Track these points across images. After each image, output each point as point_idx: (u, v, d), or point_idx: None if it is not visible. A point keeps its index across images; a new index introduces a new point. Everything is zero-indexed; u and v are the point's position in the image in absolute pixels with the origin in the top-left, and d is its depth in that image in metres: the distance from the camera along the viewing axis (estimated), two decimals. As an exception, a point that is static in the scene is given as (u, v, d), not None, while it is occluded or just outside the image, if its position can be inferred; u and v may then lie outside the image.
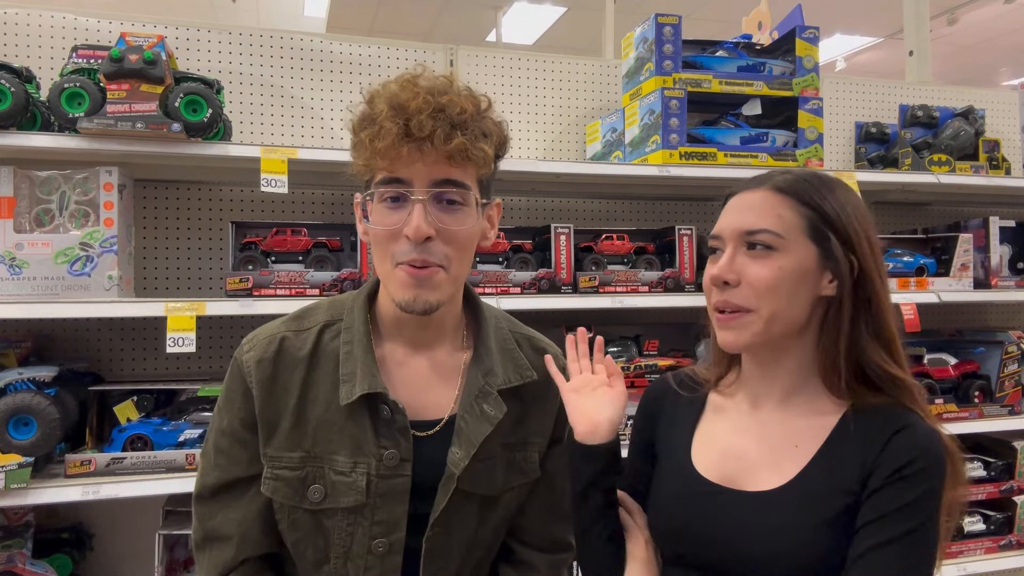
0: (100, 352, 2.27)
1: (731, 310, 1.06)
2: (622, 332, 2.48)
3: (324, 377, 1.14)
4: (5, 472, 1.70)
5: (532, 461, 1.22)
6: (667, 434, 1.20)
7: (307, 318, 1.19)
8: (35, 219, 1.90)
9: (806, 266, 1.04)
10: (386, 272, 1.10)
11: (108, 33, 2.26)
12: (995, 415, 2.56)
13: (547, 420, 1.25)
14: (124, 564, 2.26)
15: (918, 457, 0.97)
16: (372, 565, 1.13)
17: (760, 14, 2.77)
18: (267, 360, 1.14)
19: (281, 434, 1.13)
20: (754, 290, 1.04)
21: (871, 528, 0.96)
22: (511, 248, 2.33)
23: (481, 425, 1.14)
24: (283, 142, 2.43)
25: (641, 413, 1.26)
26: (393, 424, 1.12)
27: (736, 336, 1.06)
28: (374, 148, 1.04)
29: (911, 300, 2.42)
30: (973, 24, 8.21)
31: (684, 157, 2.31)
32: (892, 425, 1.01)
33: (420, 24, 8.29)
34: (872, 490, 0.98)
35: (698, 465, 1.12)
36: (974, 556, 2.50)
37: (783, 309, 1.04)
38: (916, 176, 2.57)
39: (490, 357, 1.19)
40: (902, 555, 0.94)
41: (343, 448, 1.11)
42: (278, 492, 1.13)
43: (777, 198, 1.06)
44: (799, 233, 1.05)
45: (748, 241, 1.05)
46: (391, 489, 1.11)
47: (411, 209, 1.05)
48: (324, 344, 1.16)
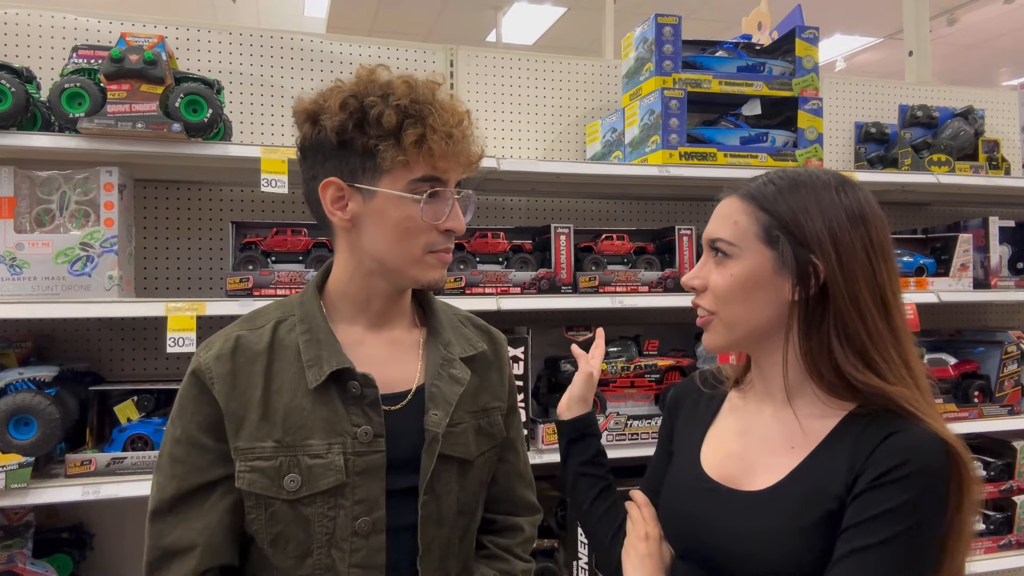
0: (100, 352, 2.28)
1: (701, 314, 1.13)
2: (622, 332, 2.48)
3: (285, 368, 1.16)
4: (5, 472, 1.70)
5: (497, 424, 1.31)
6: (683, 431, 1.24)
7: (259, 318, 1.23)
8: (35, 219, 1.90)
9: (760, 271, 1.04)
10: (413, 257, 1.17)
11: (108, 33, 2.27)
12: (995, 415, 2.57)
13: (500, 386, 1.34)
14: (124, 564, 2.26)
15: (907, 461, 0.93)
16: (358, 547, 1.13)
17: (760, 14, 2.77)
18: (225, 355, 1.16)
19: (250, 425, 1.13)
20: (713, 296, 1.09)
21: (852, 532, 0.94)
22: (511, 248, 2.33)
23: (452, 387, 1.22)
24: (283, 142, 2.43)
25: (665, 411, 1.32)
26: (363, 400, 1.15)
27: (708, 338, 1.13)
28: (434, 150, 1.12)
29: (911, 300, 2.42)
30: (973, 24, 8.22)
31: (684, 157, 2.31)
32: (885, 429, 0.98)
33: (420, 24, 8.29)
34: (856, 494, 0.95)
35: (704, 463, 1.14)
36: (974, 556, 2.50)
37: (741, 314, 1.07)
38: (916, 176, 2.57)
39: (445, 331, 1.29)
40: (882, 560, 0.91)
41: (316, 431, 1.13)
42: (255, 484, 1.12)
43: (739, 204, 1.08)
44: (752, 239, 1.05)
45: (712, 248, 1.10)
46: (368, 466, 1.13)
47: (450, 206, 1.17)
48: (281, 337, 1.19)
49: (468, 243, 2.28)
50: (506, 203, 2.68)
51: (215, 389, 1.13)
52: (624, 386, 2.36)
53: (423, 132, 1.11)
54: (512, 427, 1.37)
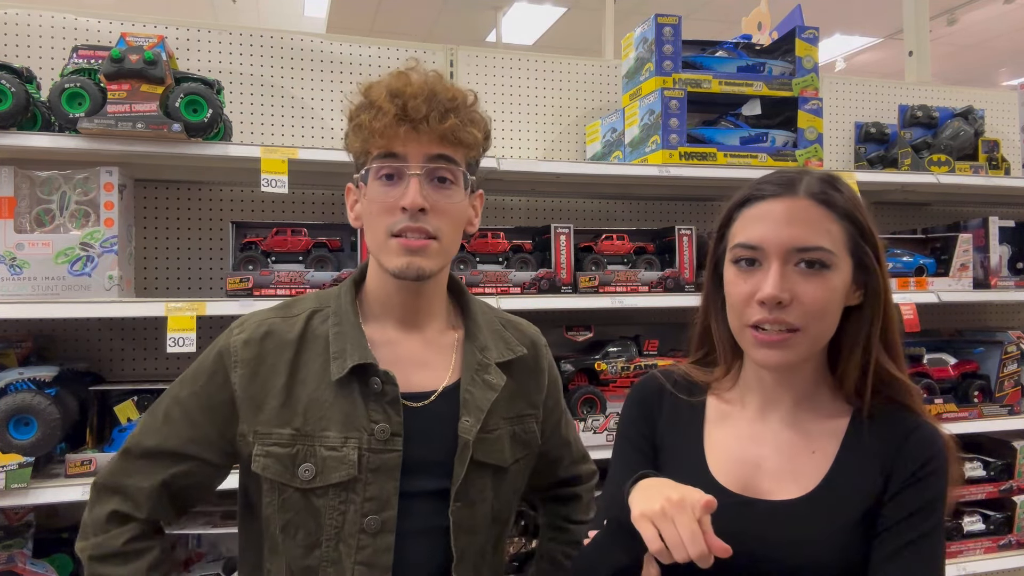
0: (100, 352, 2.27)
1: (777, 329, 1.01)
2: (622, 332, 2.48)
3: (313, 358, 1.17)
4: (5, 472, 1.70)
5: (532, 432, 1.28)
6: (671, 436, 1.17)
7: (295, 306, 1.24)
8: (35, 219, 1.90)
9: (847, 281, 1.04)
10: (380, 244, 1.14)
11: (108, 33, 2.27)
12: (994, 415, 2.57)
13: (537, 393, 1.31)
14: (124, 564, 2.26)
15: (932, 457, 1.01)
16: (364, 545, 1.12)
17: (760, 14, 2.77)
18: (255, 341, 1.17)
19: (269, 411, 1.14)
20: (805, 310, 0.99)
21: (898, 528, 0.99)
22: (511, 248, 2.33)
23: (486, 393, 1.19)
24: (283, 142, 2.43)
25: (638, 410, 1.21)
26: (384, 397, 1.14)
27: (782, 356, 1.01)
28: (372, 128, 1.11)
29: (911, 300, 2.42)
30: (973, 24, 8.22)
31: (684, 157, 2.31)
32: (903, 426, 1.04)
33: (420, 24, 8.29)
34: (894, 492, 1.01)
35: (716, 475, 1.09)
36: (974, 556, 2.50)
37: (827, 328, 1.03)
38: (916, 176, 2.57)
39: (482, 335, 1.25)
40: (931, 551, 0.98)
41: (333, 424, 1.13)
42: (268, 469, 1.13)
43: (821, 211, 1.02)
44: (844, 249, 1.03)
45: (802, 258, 1.00)
46: (382, 464, 1.13)
47: (407, 183, 1.12)
48: (313, 328, 1.19)
49: (468, 243, 2.28)
50: (506, 203, 2.68)
51: (235, 373, 1.16)
52: (624, 386, 2.36)
53: (375, 112, 1.11)
54: (559, 425, 1.38)
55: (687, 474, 1.10)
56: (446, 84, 1.15)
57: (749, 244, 1.03)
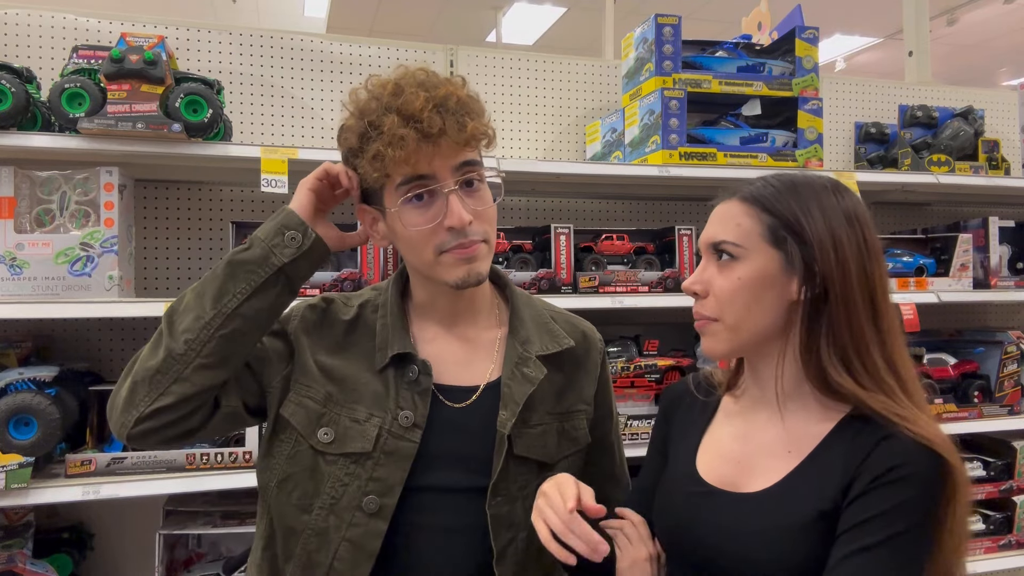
0: (100, 352, 2.27)
1: (700, 319, 1.09)
2: (622, 332, 2.48)
3: (360, 343, 1.21)
4: (5, 472, 1.70)
5: (581, 428, 1.26)
6: (679, 436, 1.22)
7: (353, 296, 1.29)
8: (35, 219, 1.90)
9: (768, 272, 1.04)
10: (429, 263, 1.14)
11: (108, 33, 2.27)
12: (994, 415, 2.56)
13: (589, 386, 1.29)
14: (124, 564, 2.26)
15: (902, 464, 0.94)
16: (357, 523, 1.11)
17: (760, 14, 2.77)
18: (316, 307, 1.24)
19: (312, 369, 1.18)
20: (717, 300, 1.07)
21: (850, 534, 0.94)
22: (511, 248, 2.33)
23: (523, 386, 1.18)
24: (283, 142, 2.43)
25: (660, 412, 1.30)
26: (417, 386, 1.16)
27: (707, 344, 1.10)
28: (394, 157, 1.07)
29: (911, 300, 2.42)
30: (973, 24, 8.22)
31: (684, 157, 2.31)
32: (878, 433, 0.98)
33: (420, 24, 8.29)
34: (853, 497, 0.96)
35: (700, 467, 1.13)
36: (974, 556, 2.49)
37: (746, 317, 1.05)
38: (916, 176, 2.57)
39: (525, 328, 1.24)
40: (880, 561, 0.92)
41: (363, 400, 1.16)
42: (295, 416, 1.16)
43: (740, 207, 1.08)
44: (758, 240, 1.05)
45: (716, 252, 1.09)
46: (397, 449, 1.13)
47: (445, 201, 1.11)
48: (365, 316, 1.24)
49: (468, 243, 2.28)
50: (506, 203, 2.68)
51: (291, 325, 1.21)
52: (624, 386, 2.36)
53: (389, 140, 1.07)
54: (604, 428, 1.33)
55: (676, 467, 1.18)
56: (440, 83, 1.12)
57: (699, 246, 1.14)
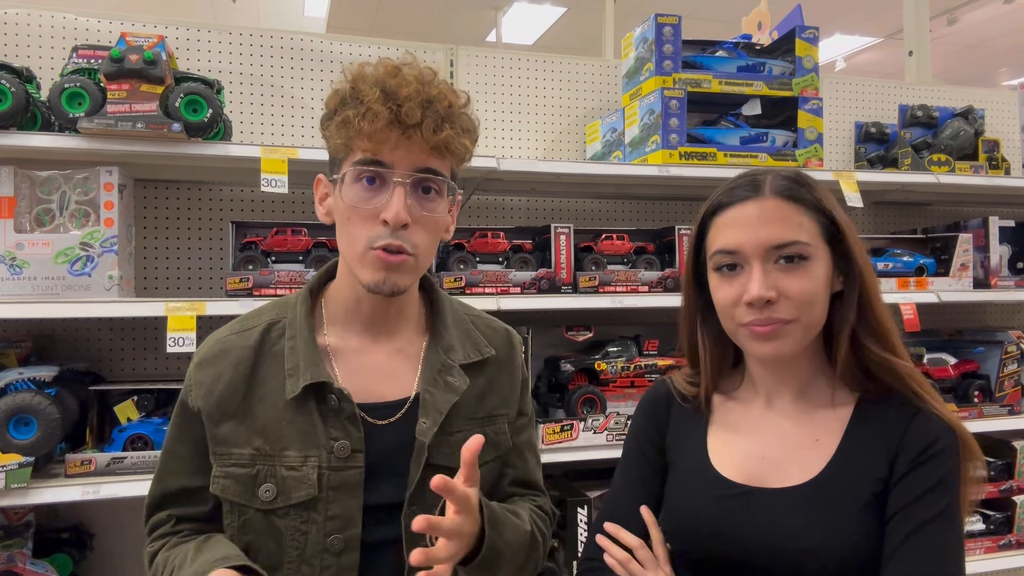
0: (100, 352, 2.27)
1: (772, 324, 1.04)
2: (622, 332, 2.48)
3: (270, 376, 1.13)
4: (5, 472, 1.70)
5: (503, 433, 1.23)
6: (679, 443, 1.20)
7: (251, 319, 1.20)
8: (35, 219, 1.90)
9: (829, 269, 1.08)
10: (356, 254, 1.09)
11: (108, 33, 2.27)
12: (995, 415, 2.56)
13: (511, 392, 1.26)
14: (124, 564, 2.26)
15: (939, 437, 1.02)
16: (328, 564, 1.08)
17: (760, 14, 2.77)
18: (207, 361, 1.15)
19: (227, 430, 1.12)
20: (794, 303, 1.04)
21: (910, 510, 0.99)
22: (511, 248, 2.33)
23: (446, 395, 1.15)
24: (283, 142, 2.43)
25: (648, 417, 1.25)
26: (342, 413, 1.10)
27: (779, 347, 1.05)
28: (360, 128, 1.04)
29: (911, 300, 2.42)
30: (973, 24, 8.22)
31: (684, 157, 2.31)
32: (907, 409, 1.05)
33: (420, 24, 8.29)
34: (901, 474, 1.01)
35: (720, 469, 1.12)
36: (974, 556, 2.49)
37: (818, 315, 1.07)
38: (916, 176, 2.57)
39: (449, 334, 1.21)
40: (945, 531, 0.98)
41: (293, 443, 1.10)
42: (228, 490, 1.11)
43: (790, 206, 1.07)
44: (819, 239, 1.07)
45: (780, 255, 1.05)
46: (343, 481, 1.09)
47: (391, 193, 1.07)
48: (270, 343, 1.16)
49: (468, 243, 2.28)
50: (506, 203, 2.68)
51: (191, 397, 1.14)
52: (624, 386, 2.36)
53: (365, 112, 1.03)
54: (525, 431, 1.28)
55: (691, 472, 1.15)
56: (441, 85, 1.10)
57: (727, 250, 1.07)
